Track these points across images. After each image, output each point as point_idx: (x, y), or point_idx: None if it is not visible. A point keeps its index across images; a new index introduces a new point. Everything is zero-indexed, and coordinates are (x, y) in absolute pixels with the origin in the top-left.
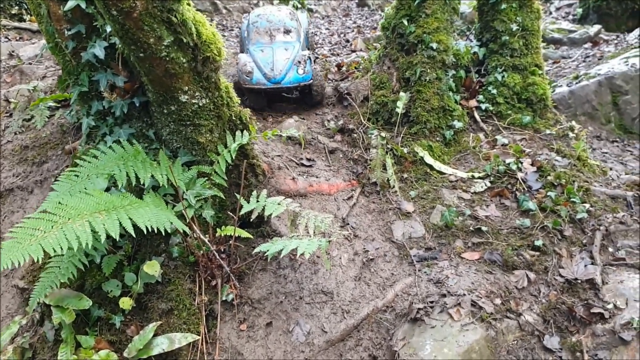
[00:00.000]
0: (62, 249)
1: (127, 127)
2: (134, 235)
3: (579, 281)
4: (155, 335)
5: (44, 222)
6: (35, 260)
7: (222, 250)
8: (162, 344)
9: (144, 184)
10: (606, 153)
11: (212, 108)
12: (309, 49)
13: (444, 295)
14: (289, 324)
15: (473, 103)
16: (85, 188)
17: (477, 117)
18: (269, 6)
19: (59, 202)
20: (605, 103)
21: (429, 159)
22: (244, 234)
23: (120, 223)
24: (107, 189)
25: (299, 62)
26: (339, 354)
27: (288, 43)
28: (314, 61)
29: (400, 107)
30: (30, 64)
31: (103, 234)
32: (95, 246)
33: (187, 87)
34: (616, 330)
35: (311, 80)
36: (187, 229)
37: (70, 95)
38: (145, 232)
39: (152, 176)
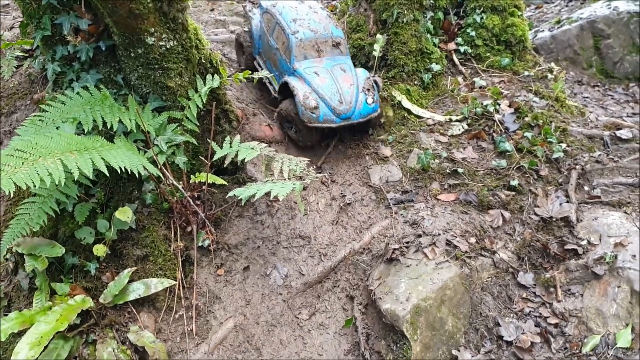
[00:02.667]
0: (34, 184)
1: (94, 72)
2: (108, 175)
3: (554, 219)
4: (131, 281)
5: (14, 159)
6: (7, 193)
7: (197, 196)
8: (138, 290)
9: (111, 129)
10: (587, 97)
11: (181, 50)
12: None
13: (420, 236)
14: (267, 268)
15: (452, 46)
16: (49, 132)
17: (456, 60)
18: (297, 2)
19: (29, 141)
20: (587, 47)
21: (406, 103)
22: (219, 180)
23: (93, 163)
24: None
25: (367, 88)
26: (316, 295)
27: (342, 61)
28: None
29: (377, 50)
30: None
31: (76, 171)
32: (66, 192)
33: (153, 29)
34: (589, 265)
35: (379, 111)
36: (160, 174)
37: (32, 41)
38: (118, 176)
39: (121, 122)
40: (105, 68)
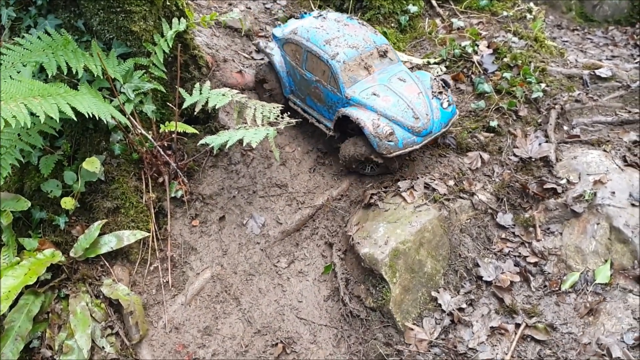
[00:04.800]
0: None
1: (52, 17)
2: (76, 120)
3: (533, 159)
4: (103, 234)
5: None
6: None
7: (168, 146)
8: (110, 242)
9: (75, 76)
10: (567, 41)
11: None
12: None
13: (397, 180)
14: (243, 218)
15: None
16: (10, 76)
17: (433, 1)
18: (319, 20)
19: None
20: None
21: None
22: (189, 129)
23: (58, 108)
24: None
25: (438, 92)
26: (295, 243)
27: (396, 70)
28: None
29: None
30: None
31: (42, 115)
32: (31, 142)
33: None
34: (568, 203)
35: (457, 113)
36: (128, 123)
37: None
38: (85, 127)
39: (86, 69)
40: (64, 13)
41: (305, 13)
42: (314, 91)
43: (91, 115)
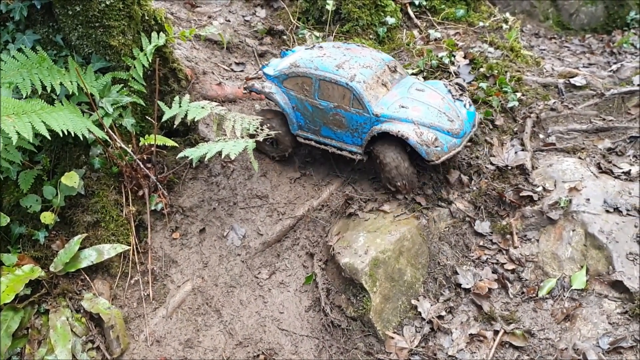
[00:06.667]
0: None
1: (30, 33)
2: (50, 139)
3: (510, 167)
4: (83, 248)
5: None
6: None
7: (148, 159)
8: (90, 256)
9: (52, 92)
10: (544, 50)
11: (122, 7)
12: None
13: (377, 190)
14: (224, 230)
15: None
16: None
17: (411, 12)
18: (316, 49)
19: None
20: None
21: None
22: (169, 142)
23: (33, 126)
24: None
25: (458, 94)
26: (276, 254)
27: (409, 83)
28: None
29: (330, 4)
30: None
31: (14, 135)
32: (9, 159)
33: None
34: (544, 210)
35: (477, 113)
36: (106, 137)
37: None
38: (64, 141)
39: (62, 84)
40: (42, 28)
41: (287, 50)
42: (334, 118)
43: (66, 132)
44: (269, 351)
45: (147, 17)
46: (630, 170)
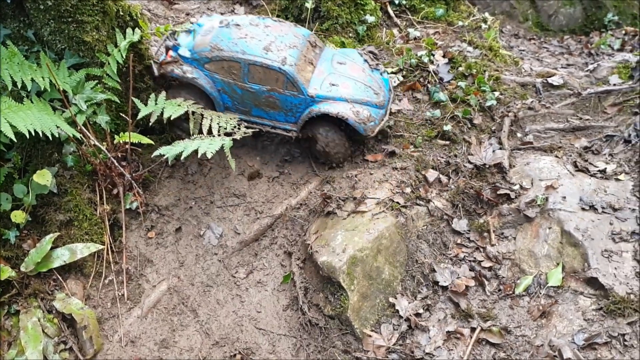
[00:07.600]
0: None
1: (1, 27)
2: (14, 140)
3: (487, 166)
4: (55, 247)
5: None
6: None
7: (123, 157)
8: (62, 256)
9: (23, 89)
10: (523, 50)
11: (95, 2)
12: None
13: (355, 188)
14: (200, 229)
15: None
16: None
17: (391, 11)
18: (233, 28)
19: None
20: (523, 0)
21: None
22: (144, 139)
23: None
24: None
25: (374, 64)
26: (253, 254)
27: (330, 56)
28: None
29: (309, 1)
30: None
31: None
32: None
33: None
34: (521, 208)
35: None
36: (78, 135)
37: None
38: (36, 138)
39: (34, 80)
40: (13, 22)
41: (193, 24)
42: (266, 101)
43: (33, 132)
44: (245, 351)
45: (121, 13)
46: (605, 168)
